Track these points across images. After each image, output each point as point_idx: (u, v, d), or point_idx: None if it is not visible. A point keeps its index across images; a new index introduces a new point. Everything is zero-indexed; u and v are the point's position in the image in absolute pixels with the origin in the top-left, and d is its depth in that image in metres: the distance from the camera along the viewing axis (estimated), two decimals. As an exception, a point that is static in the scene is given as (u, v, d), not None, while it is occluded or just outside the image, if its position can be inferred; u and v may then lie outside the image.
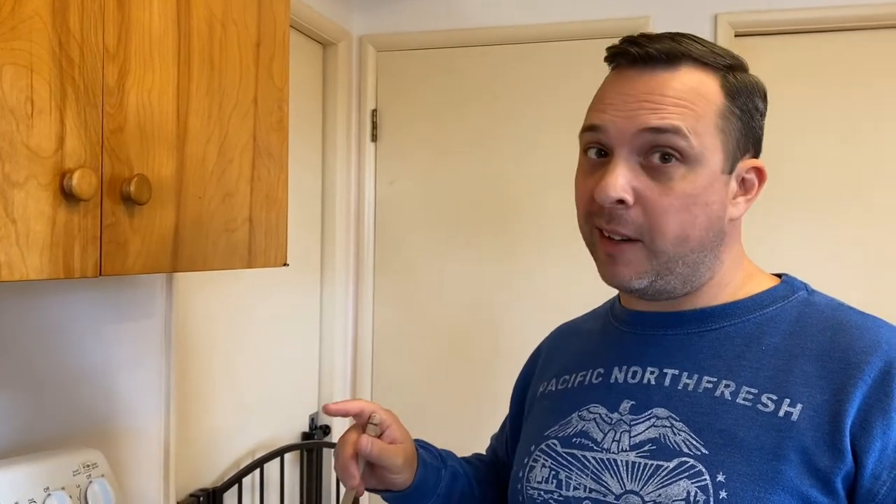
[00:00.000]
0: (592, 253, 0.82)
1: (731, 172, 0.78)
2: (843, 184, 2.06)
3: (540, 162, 2.25)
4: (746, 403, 0.74)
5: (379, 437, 0.86)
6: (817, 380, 0.73)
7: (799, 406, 0.72)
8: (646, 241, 0.76)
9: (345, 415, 0.87)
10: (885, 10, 2.00)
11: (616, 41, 0.79)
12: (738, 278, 0.82)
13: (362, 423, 0.87)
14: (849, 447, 0.70)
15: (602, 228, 0.77)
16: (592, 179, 0.78)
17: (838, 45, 2.07)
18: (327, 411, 0.86)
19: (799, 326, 0.78)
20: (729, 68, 0.78)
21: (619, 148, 0.76)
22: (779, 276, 0.85)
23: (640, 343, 0.84)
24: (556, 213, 2.23)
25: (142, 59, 0.89)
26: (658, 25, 2.12)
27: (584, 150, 0.80)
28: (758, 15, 2.08)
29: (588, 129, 0.79)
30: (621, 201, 0.75)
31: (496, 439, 1.10)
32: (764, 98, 0.81)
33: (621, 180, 0.74)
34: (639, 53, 0.76)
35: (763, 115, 0.81)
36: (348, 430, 0.87)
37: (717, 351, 0.79)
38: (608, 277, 0.79)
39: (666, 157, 0.74)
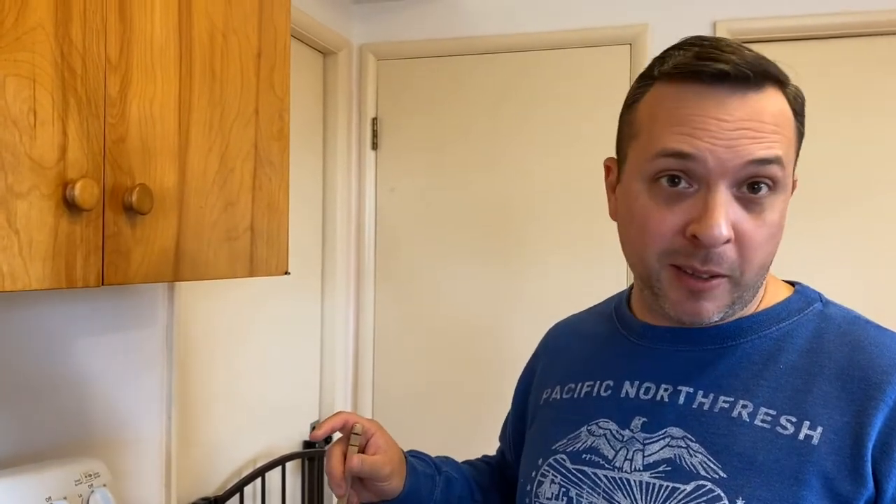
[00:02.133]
0: (656, 289, 0.75)
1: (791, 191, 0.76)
2: (842, 189, 2.06)
3: (541, 169, 2.25)
4: (765, 425, 0.71)
5: (364, 445, 0.88)
6: (837, 401, 0.71)
7: (819, 429, 0.70)
8: (734, 276, 0.71)
9: (331, 432, 0.88)
10: (884, 17, 2.01)
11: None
12: (760, 289, 0.80)
13: (346, 433, 0.88)
14: (870, 472, 0.68)
15: (692, 268, 0.71)
16: (675, 214, 0.71)
17: (837, 52, 2.08)
18: (315, 438, 0.87)
19: (816, 343, 0.75)
20: (786, 83, 0.73)
21: (718, 180, 0.69)
22: (791, 283, 0.83)
23: (653, 358, 0.81)
24: (556, 221, 2.24)
25: (144, 69, 0.89)
26: (657, 33, 2.12)
27: (654, 178, 0.72)
28: (757, 22, 2.09)
29: (672, 154, 0.70)
30: (726, 240, 0.69)
31: (501, 439, 1.09)
32: None
33: (727, 217, 0.69)
34: (734, 73, 0.68)
35: None
36: (335, 443, 0.88)
37: (733, 369, 0.76)
38: (690, 314, 0.73)
39: (756, 187, 0.70)
